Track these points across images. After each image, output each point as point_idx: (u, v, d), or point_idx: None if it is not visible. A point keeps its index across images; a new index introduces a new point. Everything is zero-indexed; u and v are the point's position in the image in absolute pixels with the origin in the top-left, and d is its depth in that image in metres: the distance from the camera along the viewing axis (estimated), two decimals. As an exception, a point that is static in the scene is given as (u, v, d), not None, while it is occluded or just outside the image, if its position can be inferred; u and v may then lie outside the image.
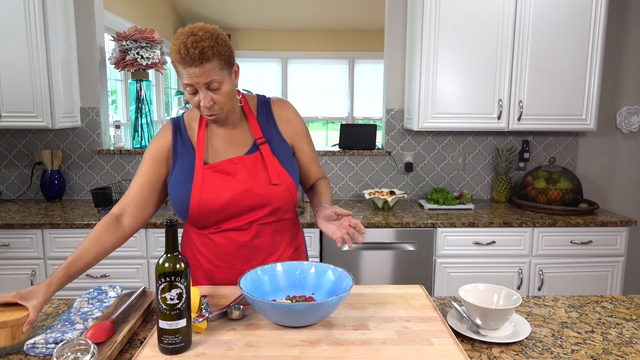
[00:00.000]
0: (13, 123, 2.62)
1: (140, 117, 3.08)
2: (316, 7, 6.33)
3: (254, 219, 1.37)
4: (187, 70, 1.22)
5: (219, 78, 1.25)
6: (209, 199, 1.33)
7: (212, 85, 1.25)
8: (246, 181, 1.35)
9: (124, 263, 2.49)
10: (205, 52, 1.20)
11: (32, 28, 2.53)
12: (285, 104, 1.48)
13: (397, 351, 1.02)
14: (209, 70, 1.22)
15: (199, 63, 1.20)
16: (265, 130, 1.42)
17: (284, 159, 1.40)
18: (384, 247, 2.53)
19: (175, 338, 1.02)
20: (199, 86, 1.24)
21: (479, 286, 1.24)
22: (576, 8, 2.63)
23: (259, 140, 1.39)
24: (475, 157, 3.11)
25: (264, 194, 1.35)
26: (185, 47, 1.20)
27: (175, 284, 1.01)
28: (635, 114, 3.11)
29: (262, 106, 1.45)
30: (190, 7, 6.43)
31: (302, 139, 1.48)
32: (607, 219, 2.57)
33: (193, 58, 1.20)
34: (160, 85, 5.65)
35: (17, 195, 3.04)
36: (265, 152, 1.38)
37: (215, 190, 1.34)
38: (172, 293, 1.01)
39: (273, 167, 1.37)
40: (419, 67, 2.68)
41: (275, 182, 1.36)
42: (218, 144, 1.40)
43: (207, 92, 1.25)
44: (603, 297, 1.42)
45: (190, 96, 1.27)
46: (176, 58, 1.22)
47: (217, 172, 1.35)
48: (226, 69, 1.26)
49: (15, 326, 1.05)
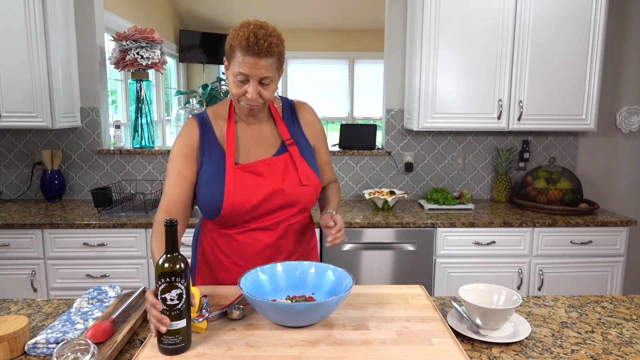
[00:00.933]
0: (13, 123, 2.62)
1: (140, 117, 3.08)
2: (316, 7, 6.33)
3: (282, 218, 1.40)
4: (248, 59, 1.24)
5: (272, 75, 1.29)
6: (242, 199, 1.34)
7: (264, 80, 1.28)
8: (278, 182, 1.38)
9: (124, 263, 2.49)
10: (272, 47, 1.25)
11: (32, 28, 2.53)
12: (308, 106, 1.55)
13: (397, 351, 1.02)
14: (269, 65, 1.27)
15: (263, 55, 1.24)
16: (292, 131, 1.46)
17: (310, 160, 1.45)
18: (384, 247, 2.54)
19: (175, 338, 1.02)
20: (253, 77, 1.27)
21: (479, 286, 1.24)
22: (576, 8, 2.63)
23: (287, 142, 1.43)
24: (475, 157, 3.11)
25: (295, 194, 1.39)
26: (255, 37, 1.23)
27: (175, 284, 1.01)
28: (635, 114, 3.11)
29: (287, 108, 1.50)
30: (190, 7, 6.43)
31: (321, 141, 1.54)
32: (607, 219, 2.57)
33: (260, 49, 1.23)
34: (160, 85, 5.65)
35: (17, 195, 3.04)
36: (294, 153, 1.42)
37: (248, 191, 1.35)
38: (172, 294, 1.01)
39: (302, 168, 1.41)
40: (419, 67, 2.68)
41: (306, 183, 1.40)
42: (248, 144, 1.42)
43: (257, 85, 1.28)
44: (603, 297, 1.42)
45: (238, 83, 1.28)
46: (242, 44, 1.24)
47: (249, 172, 1.37)
48: (279, 68, 1.32)
49: (12, 340, 1.05)
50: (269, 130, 1.45)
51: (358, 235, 2.52)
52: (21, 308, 1.34)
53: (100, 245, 2.47)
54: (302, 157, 1.43)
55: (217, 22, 6.78)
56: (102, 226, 2.44)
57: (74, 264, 2.48)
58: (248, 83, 1.28)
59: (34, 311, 1.31)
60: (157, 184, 3.04)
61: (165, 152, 3.01)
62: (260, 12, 6.47)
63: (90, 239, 2.46)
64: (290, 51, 7.09)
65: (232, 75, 1.29)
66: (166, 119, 5.82)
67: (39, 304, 1.36)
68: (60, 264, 2.48)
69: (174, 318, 1.01)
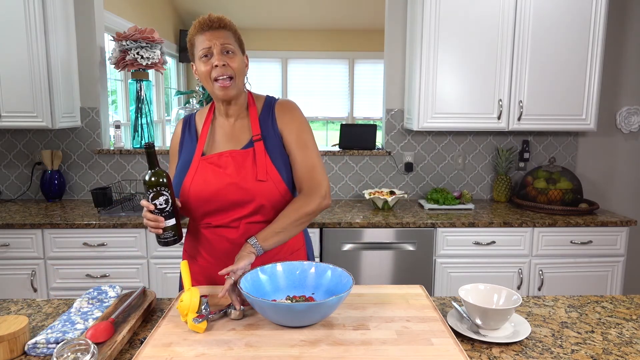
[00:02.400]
0: (13, 123, 2.62)
1: (140, 117, 3.08)
2: (316, 7, 6.33)
3: (241, 215, 1.38)
4: (205, 34, 1.34)
5: (232, 46, 1.36)
6: (198, 188, 1.37)
7: (227, 48, 1.34)
8: (233, 175, 1.36)
9: (124, 263, 2.49)
10: (224, 20, 1.36)
11: (32, 28, 2.53)
12: (290, 104, 1.47)
13: (397, 351, 1.02)
14: (226, 35, 1.35)
15: (216, 27, 1.34)
16: (264, 128, 1.42)
17: (277, 157, 1.39)
18: (384, 247, 2.54)
19: (168, 233, 1.29)
20: (215, 47, 1.33)
21: (479, 286, 1.24)
22: (576, 8, 2.63)
23: (255, 137, 1.40)
24: (475, 157, 3.11)
25: (249, 189, 1.35)
26: (206, 17, 1.35)
27: (161, 192, 1.26)
28: (635, 114, 3.11)
29: (267, 106, 1.47)
30: (190, 7, 6.43)
31: (292, 139, 1.42)
32: (607, 219, 2.57)
33: (212, 21, 1.34)
34: (160, 85, 5.64)
35: (17, 195, 3.04)
36: (258, 148, 1.38)
37: (205, 180, 1.37)
38: (160, 200, 1.26)
39: (263, 163, 1.36)
40: (419, 67, 2.68)
41: (262, 178, 1.35)
42: (219, 138, 1.44)
43: (221, 55, 1.33)
44: (603, 297, 1.42)
45: (204, 61, 1.34)
46: (195, 27, 1.35)
47: (210, 163, 1.39)
48: (239, 46, 1.39)
49: (12, 340, 1.05)
50: (242, 126, 1.44)
51: (358, 235, 2.52)
52: (21, 308, 1.34)
53: (100, 245, 2.47)
54: (266, 153, 1.38)
55: (217, 22, 6.77)
56: (102, 226, 2.44)
57: (74, 264, 2.48)
58: (212, 56, 1.34)
59: (34, 311, 1.31)
60: (157, 184, 3.03)
61: (165, 152, 3.01)
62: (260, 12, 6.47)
63: (90, 239, 2.46)
64: (290, 51, 7.10)
65: (198, 61, 1.36)
66: (166, 119, 5.82)
67: (39, 304, 1.36)
68: (60, 264, 2.48)
69: (166, 218, 1.27)
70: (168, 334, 1.10)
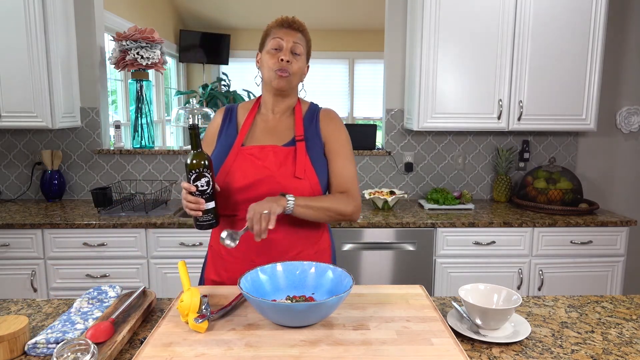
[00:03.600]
0: (13, 123, 2.62)
1: (140, 117, 3.08)
2: (316, 7, 6.33)
3: None
4: (282, 30, 1.44)
5: (302, 51, 1.45)
6: (235, 177, 1.39)
7: (296, 49, 1.43)
8: (272, 168, 1.39)
9: (124, 263, 2.49)
10: (303, 27, 1.47)
11: (32, 28, 2.53)
12: (332, 113, 1.55)
13: (397, 351, 1.02)
14: (299, 39, 1.44)
15: (295, 29, 1.44)
16: (307, 130, 1.48)
17: (315, 160, 1.44)
18: (384, 247, 2.54)
19: (208, 216, 1.29)
20: (287, 44, 1.42)
21: (479, 286, 1.24)
22: (576, 8, 2.63)
23: (298, 137, 1.44)
24: (475, 157, 3.11)
25: (285, 184, 1.38)
26: (289, 17, 1.45)
27: (203, 173, 1.26)
28: (635, 114, 3.11)
29: (312, 111, 1.53)
30: (190, 7, 6.43)
31: (334, 147, 1.48)
32: (607, 219, 2.57)
33: (293, 23, 1.45)
34: (160, 85, 5.65)
35: (17, 195, 3.04)
36: (299, 148, 1.42)
37: (242, 170, 1.40)
38: (202, 181, 1.26)
39: (302, 162, 1.41)
40: (419, 67, 2.68)
41: (300, 176, 1.39)
42: (260, 131, 1.48)
43: (289, 53, 1.42)
44: (603, 297, 1.42)
45: (272, 52, 1.43)
46: (277, 22, 1.45)
47: (250, 154, 1.42)
48: (305, 54, 1.47)
49: (12, 340, 1.05)
50: (285, 124, 1.49)
51: (358, 235, 2.52)
52: (21, 308, 1.34)
53: (100, 245, 2.47)
54: (307, 153, 1.43)
55: (217, 22, 6.78)
56: (102, 226, 2.44)
57: (74, 264, 2.48)
58: (281, 51, 1.42)
59: (34, 311, 1.31)
60: (157, 184, 3.04)
61: (165, 152, 3.01)
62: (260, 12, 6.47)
63: (90, 239, 2.46)
64: (290, 51, 7.08)
65: (266, 51, 1.44)
66: (166, 119, 5.82)
67: (39, 304, 1.36)
68: (60, 264, 2.48)
69: (206, 200, 1.27)
70: (168, 334, 1.10)
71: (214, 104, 6.23)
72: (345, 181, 1.45)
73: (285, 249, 1.42)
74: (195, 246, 2.50)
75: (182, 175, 3.05)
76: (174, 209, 2.73)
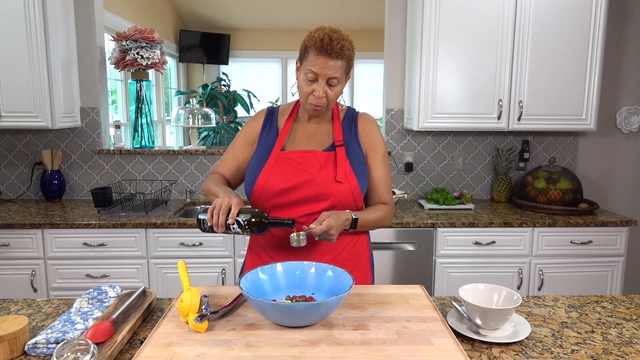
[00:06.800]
0: (13, 123, 2.62)
1: (140, 117, 3.08)
2: (316, 7, 6.33)
3: (310, 212, 1.40)
4: (320, 58, 1.33)
5: (340, 77, 1.37)
6: (274, 181, 1.40)
7: (332, 81, 1.37)
8: (313, 172, 1.40)
9: (124, 263, 2.49)
10: (344, 50, 1.34)
11: (32, 28, 2.53)
12: (370, 117, 1.56)
13: (397, 351, 1.02)
14: (338, 67, 1.35)
15: (334, 57, 1.33)
16: (347, 136, 1.49)
17: (355, 164, 1.45)
18: (384, 247, 2.53)
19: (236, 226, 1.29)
20: (322, 77, 1.35)
21: (479, 286, 1.24)
22: (576, 8, 2.63)
23: (337, 142, 1.46)
24: (475, 157, 3.11)
25: (326, 188, 1.39)
26: (330, 39, 1.32)
27: (248, 228, 1.29)
28: (635, 114, 3.11)
29: (350, 115, 1.54)
30: (190, 7, 6.43)
31: (375, 153, 1.51)
32: (607, 219, 2.57)
33: (332, 50, 1.32)
34: (160, 85, 5.65)
35: (17, 195, 3.04)
36: (340, 153, 1.44)
37: (282, 174, 1.41)
38: (241, 219, 1.28)
39: (342, 167, 1.42)
40: (419, 67, 2.68)
41: (341, 179, 1.40)
42: (300, 137, 1.49)
43: (325, 85, 1.37)
44: (603, 297, 1.42)
45: (307, 82, 1.38)
46: (316, 45, 1.33)
47: (290, 159, 1.43)
48: (347, 72, 1.40)
49: (12, 340, 1.05)
50: (324, 130, 1.50)
51: (358, 235, 2.52)
52: (21, 308, 1.34)
53: (100, 245, 2.47)
54: (347, 158, 1.44)
55: (217, 22, 6.78)
56: (102, 226, 2.44)
57: (74, 264, 2.48)
58: (317, 82, 1.36)
59: (34, 311, 1.31)
60: (157, 184, 3.04)
61: (165, 152, 3.01)
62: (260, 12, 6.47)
63: (90, 239, 2.46)
64: (290, 51, 7.10)
65: (303, 73, 1.38)
66: (166, 119, 5.82)
67: (39, 304, 1.36)
68: (60, 264, 2.48)
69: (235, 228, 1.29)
70: (168, 334, 1.10)
71: (213, 104, 6.24)
72: (385, 192, 1.52)
73: (324, 250, 1.45)
74: (195, 246, 2.50)
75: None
76: (174, 209, 2.73)
